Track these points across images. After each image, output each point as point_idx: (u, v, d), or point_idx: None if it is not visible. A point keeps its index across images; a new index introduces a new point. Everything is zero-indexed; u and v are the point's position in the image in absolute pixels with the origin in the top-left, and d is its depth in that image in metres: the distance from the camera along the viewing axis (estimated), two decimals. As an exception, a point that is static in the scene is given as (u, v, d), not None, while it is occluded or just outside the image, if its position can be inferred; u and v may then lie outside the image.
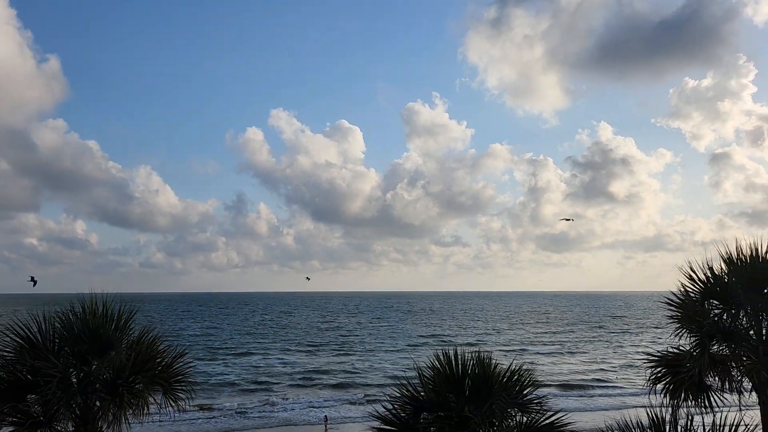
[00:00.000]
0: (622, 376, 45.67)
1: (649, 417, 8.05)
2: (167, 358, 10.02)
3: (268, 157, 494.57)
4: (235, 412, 33.49)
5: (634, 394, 36.48)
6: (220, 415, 32.64)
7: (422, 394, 8.90)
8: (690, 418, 8.19)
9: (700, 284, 10.74)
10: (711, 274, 10.70)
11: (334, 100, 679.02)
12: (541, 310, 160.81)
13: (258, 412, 33.73)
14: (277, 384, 42.80)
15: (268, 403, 36.09)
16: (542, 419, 8.67)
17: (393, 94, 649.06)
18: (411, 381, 9.07)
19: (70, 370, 9.35)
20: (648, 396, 9.98)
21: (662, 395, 10.24)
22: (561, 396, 36.97)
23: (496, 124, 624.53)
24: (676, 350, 10.63)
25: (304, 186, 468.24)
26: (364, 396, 37.34)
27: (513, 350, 60.19)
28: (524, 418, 8.72)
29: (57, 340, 9.66)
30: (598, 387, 41.85)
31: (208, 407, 34.23)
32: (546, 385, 37.99)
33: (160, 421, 23.98)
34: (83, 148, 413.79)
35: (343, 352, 60.84)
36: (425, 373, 9.07)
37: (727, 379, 10.08)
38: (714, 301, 10.74)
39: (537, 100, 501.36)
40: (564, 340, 74.80)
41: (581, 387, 41.60)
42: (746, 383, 9.98)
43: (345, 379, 44.47)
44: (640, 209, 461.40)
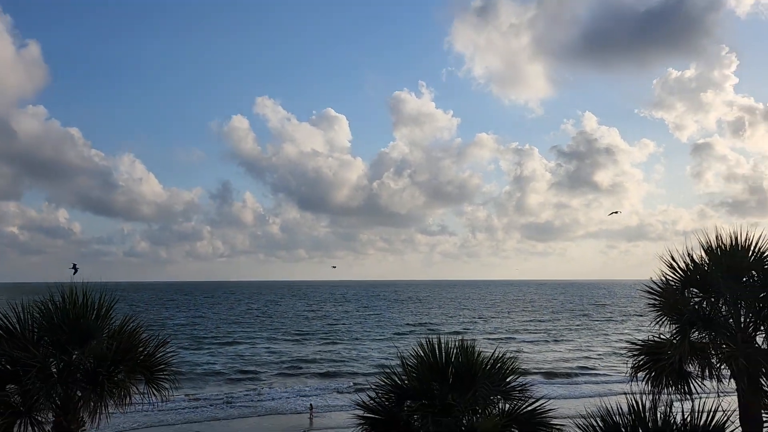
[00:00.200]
0: (606, 364, 46.26)
1: (628, 404, 8.15)
2: (149, 347, 9.92)
3: (254, 146, 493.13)
4: (222, 401, 33.50)
5: (619, 382, 36.96)
6: (206, 404, 32.64)
7: (406, 382, 8.94)
8: (669, 405, 8.29)
9: (681, 273, 10.83)
10: (691, 262, 10.79)
11: (320, 89, 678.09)
12: (527, 298, 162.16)
13: (244, 401, 33.76)
14: (264, 373, 42.84)
15: (255, 392, 36.11)
16: (524, 406, 8.76)
17: (380, 83, 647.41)
18: (395, 369, 9.10)
19: (50, 360, 9.27)
20: (629, 383, 10.07)
21: (644, 383, 10.34)
22: (546, 383, 37.38)
23: (482, 114, 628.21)
24: (658, 338, 10.73)
25: (290, 175, 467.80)
26: (352, 384, 37.48)
27: (499, 338, 60.69)
28: (507, 405, 8.80)
29: (36, 330, 9.56)
30: (582, 374, 42.39)
31: (195, 396, 34.19)
32: (532, 373, 38.50)
33: (146, 411, 24.07)
34: (65, 136, 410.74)
35: (330, 341, 60.97)
36: (409, 362, 9.10)
37: (707, 366, 10.20)
38: (694, 290, 10.83)
39: (523, 89, 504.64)
40: (549, 328, 75.57)
41: (566, 375, 42.11)
42: (725, 370, 10.10)
43: (332, 368, 44.62)
44: (624, 199, 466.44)
